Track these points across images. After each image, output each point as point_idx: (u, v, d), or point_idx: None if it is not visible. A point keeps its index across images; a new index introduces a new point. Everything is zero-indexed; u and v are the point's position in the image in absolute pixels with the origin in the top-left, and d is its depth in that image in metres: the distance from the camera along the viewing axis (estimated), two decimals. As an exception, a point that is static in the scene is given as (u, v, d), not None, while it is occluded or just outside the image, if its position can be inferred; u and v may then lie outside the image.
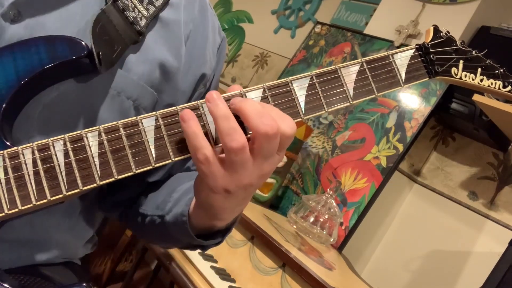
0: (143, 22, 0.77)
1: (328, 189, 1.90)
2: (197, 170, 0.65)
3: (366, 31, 2.41)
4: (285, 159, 2.04)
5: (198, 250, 1.60)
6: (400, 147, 1.98)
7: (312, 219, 1.81)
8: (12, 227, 0.73)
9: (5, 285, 0.63)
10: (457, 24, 2.04)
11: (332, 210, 1.83)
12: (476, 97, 1.55)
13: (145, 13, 0.77)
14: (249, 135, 0.62)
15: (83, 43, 0.68)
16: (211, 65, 0.93)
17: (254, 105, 0.61)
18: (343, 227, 1.95)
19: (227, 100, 0.63)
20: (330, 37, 2.54)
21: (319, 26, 2.64)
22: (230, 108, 0.61)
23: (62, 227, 0.85)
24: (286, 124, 0.62)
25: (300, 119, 0.68)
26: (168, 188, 0.88)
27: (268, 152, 0.62)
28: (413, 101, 2.05)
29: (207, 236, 0.80)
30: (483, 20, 2.05)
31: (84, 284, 0.68)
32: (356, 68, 0.72)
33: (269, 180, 2.04)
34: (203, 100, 0.64)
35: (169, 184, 0.90)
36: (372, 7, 2.57)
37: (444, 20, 2.13)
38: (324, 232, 1.80)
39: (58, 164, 0.59)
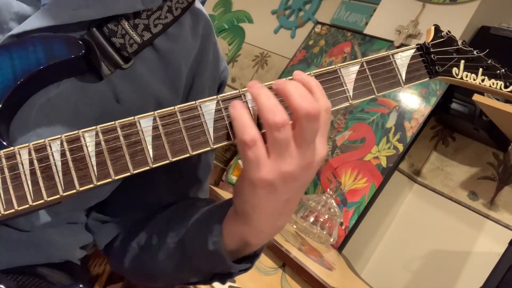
0: (133, 48, 0.75)
1: (328, 189, 1.90)
2: (242, 161, 0.62)
3: (366, 31, 2.41)
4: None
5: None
6: (400, 147, 1.98)
7: (312, 219, 1.81)
8: (9, 227, 0.73)
9: (1, 286, 0.63)
10: (457, 24, 2.04)
11: (332, 210, 1.83)
12: (476, 97, 1.55)
13: (138, 39, 0.75)
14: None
15: (81, 42, 0.67)
16: (210, 95, 0.91)
17: (296, 85, 0.60)
18: (343, 227, 1.95)
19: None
20: (330, 37, 2.53)
21: (319, 26, 2.64)
22: (271, 89, 0.61)
23: (61, 229, 0.85)
24: (324, 102, 0.62)
25: None
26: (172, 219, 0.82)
27: (310, 135, 0.60)
28: (413, 101, 2.05)
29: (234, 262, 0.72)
30: (483, 20, 2.05)
31: (80, 285, 0.68)
32: (356, 68, 0.71)
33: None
34: (202, 100, 0.64)
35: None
36: (372, 7, 2.56)
37: (444, 20, 2.12)
38: (324, 232, 1.80)
39: (55, 164, 0.59)
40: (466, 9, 2.06)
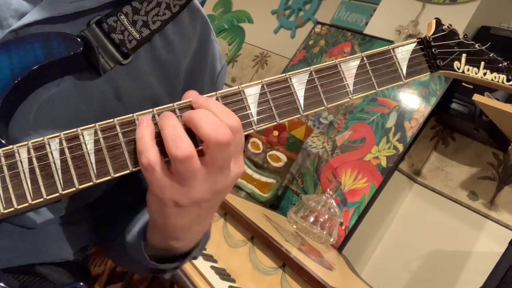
0: (132, 44, 0.75)
1: (328, 189, 1.90)
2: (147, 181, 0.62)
3: (366, 31, 2.41)
4: (285, 159, 2.04)
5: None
6: (400, 147, 1.98)
7: (312, 219, 1.81)
8: (9, 225, 0.73)
9: (2, 284, 0.63)
10: (457, 24, 2.02)
11: (332, 210, 1.83)
12: (476, 97, 1.55)
13: (136, 35, 0.75)
14: (201, 147, 0.60)
15: (79, 39, 0.67)
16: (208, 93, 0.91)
17: (205, 113, 0.59)
18: (343, 227, 1.95)
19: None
20: (330, 37, 2.53)
21: (319, 26, 2.64)
22: (181, 119, 0.60)
23: (61, 228, 0.85)
24: (232, 120, 0.60)
25: (299, 115, 0.68)
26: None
27: (222, 162, 0.60)
28: (413, 101, 2.05)
29: (163, 260, 0.76)
30: (483, 20, 2.05)
31: (81, 284, 0.68)
32: (356, 62, 0.71)
33: (269, 180, 2.04)
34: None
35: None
36: (372, 7, 2.56)
37: (444, 20, 2.11)
38: (324, 232, 1.80)
39: (54, 162, 0.59)
40: (466, 9, 2.06)
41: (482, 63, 0.78)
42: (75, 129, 0.60)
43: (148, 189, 0.64)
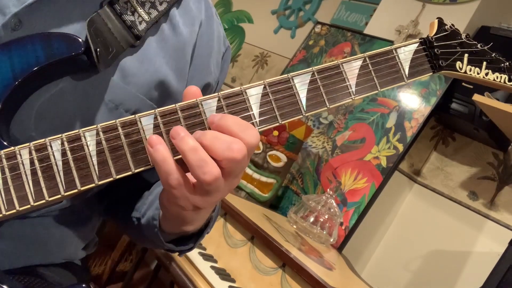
0: (142, 26, 0.75)
1: (328, 189, 1.90)
2: (168, 193, 0.64)
3: (366, 31, 2.41)
4: (285, 159, 2.04)
5: (198, 250, 1.60)
6: (400, 147, 1.98)
7: (312, 219, 1.81)
8: (11, 227, 0.73)
9: (5, 286, 0.63)
10: (457, 24, 2.01)
11: (332, 210, 1.83)
12: (476, 97, 1.55)
13: (146, 17, 0.76)
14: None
15: (80, 39, 0.67)
16: (215, 75, 0.92)
17: (215, 135, 0.60)
18: (343, 227, 1.95)
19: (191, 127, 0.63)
20: (330, 37, 2.53)
21: (319, 26, 2.64)
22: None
23: (62, 227, 0.85)
24: (250, 135, 0.60)
25: (301, 116, 0.68)
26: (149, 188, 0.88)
27: (239, 172, 0.62)
28: (413, 101, 2.05)
29: (179, 241, 0.80)
30: (483, 20, 2.05)
31: (83, 285, 0.68)
32: (358, 63, 0.71)
33: (269, 180, 2.04)
34: (203, 97, 0.64)
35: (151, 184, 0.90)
36: (372, 7, 2.56)
37: (444, 20, 2.12)
38: (324, 232, 1.80)
39: (56, 164, 0.59)
40: (466, 9, 2.06)
41: (484, 63, 0.77)
42: (77, 130, 0.60)
43: (167, 198, 0.66)
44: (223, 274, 1.54)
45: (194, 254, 1.60)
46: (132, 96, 0.77)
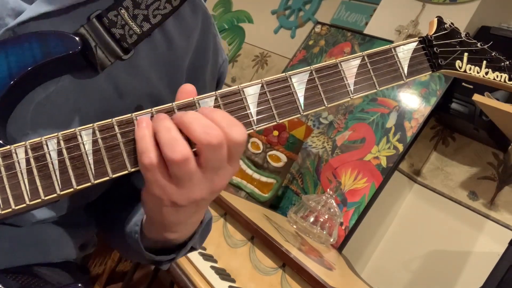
0: (133, 39, 0.74)
1: (328, 189, 1.89)
2: (144, 181, 0.62)
3: (366, 31, 2.41)
4: (285, 159, 2.04)
5: (199, 250, 1.60)
6: (400, 147, 1.98)
7: (312, 219, 1.81)
8: (8, 226, 0.73)
9: (0, 286, 0.62)
10: (457, 24, 2.00)
11: (332, 210, 1.83)
12: (476, 97, 1.55)
13: (137, 30, 0.75)
14: (195, 149, 0.60)
15: (77, 38, 0.67)
16: (210, 90, 0.90)
17: (196, 116, 0.59)
18: (343, 227, 1.95)
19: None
20: (330, 37, 2.53)
21: (319, 26, 2.64)
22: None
23: (60, 227, 0.85)
24: (235, 132, 0.59)
25: (299, 115, 0.67)
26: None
27: (217, 163, 0.59)
28: (413, 101, 2.05)
29: (161, 251, 0.78)
30: (483, 20, 2.05)
31: (79, 284, 0.68)
32: (357, 62, 0.70)
33: (269, 180, 2.04)
34: (200, 96, 0.64)
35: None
36: (372, 7, 2.56)
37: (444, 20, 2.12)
38: (324, 232, 1.79)
39: (52, 163, 0.59)
40: (466, 9, 2.06)
41: (484, 62, 0.77)
42: (73, 129, 0.60)
43: (145, 187, 0.64)
44: (223, 274, 1.54)
45: (194, 254, 1.59)
46: (126, 109, 0.76)
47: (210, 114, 0.60)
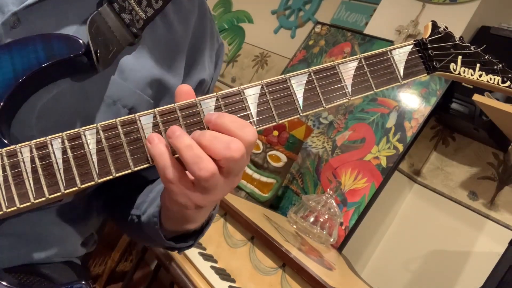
0: (140, 24, 0.77)
1: (328, 189, 1.90)
2: (168, 191, 0.64)
3: (366, 31, 2.41)
4: (285, 159, 2.04)
5: (198, 250, 1.60)
6: (400, 147, 1.98)
7: (312, 219, 1.81)
8: (10, 224, 0.74)
9: (4, 283, 0.63)
10: (457, 24, 2.04)
11: (332, 210, 1.83)
12: (476, 97, 1.55)
13: (142, 15, 0.77)
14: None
15: (81, 41, 0.68)
16: (210, 72, 0.93)
17: (212, 135, 0.60)
18: (343, 227, 1.95)
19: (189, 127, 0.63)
20: (330, 37, 2.54)
21: (319, 26, 2.64)
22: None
23: (61, 223, 0.85)
24: (247, 133, 0.61)
25: (298, 116, 0.68)
26: (149, 186, 0.88)
27: (239, 170, 0.62)
28: (413, 101, 2.05)
29: (179, 238, 0.80)
30: (483, 20, 2.05)
31: (83, 282, 0.68)
32: (354, 64, 0.72)
33: (269, 180, 2.04)
34: (202, 97, 0.65)
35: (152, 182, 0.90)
36: (372, 7, 2.57)
37: (444, 20, 2.10)
38: (324, 232, 1.80)
39: (56, 162, 0.59)
40: (466, 9, 2.06)
41: (478, 65, 0.79)
42: (77, 129, 0.61)
43: (169, 196, 0.66)
44: (223, 274, 1.54)
45: (194, 254, 1.60)
46: (130, 92, 0.79)
47: (223, 124, 0.61)
